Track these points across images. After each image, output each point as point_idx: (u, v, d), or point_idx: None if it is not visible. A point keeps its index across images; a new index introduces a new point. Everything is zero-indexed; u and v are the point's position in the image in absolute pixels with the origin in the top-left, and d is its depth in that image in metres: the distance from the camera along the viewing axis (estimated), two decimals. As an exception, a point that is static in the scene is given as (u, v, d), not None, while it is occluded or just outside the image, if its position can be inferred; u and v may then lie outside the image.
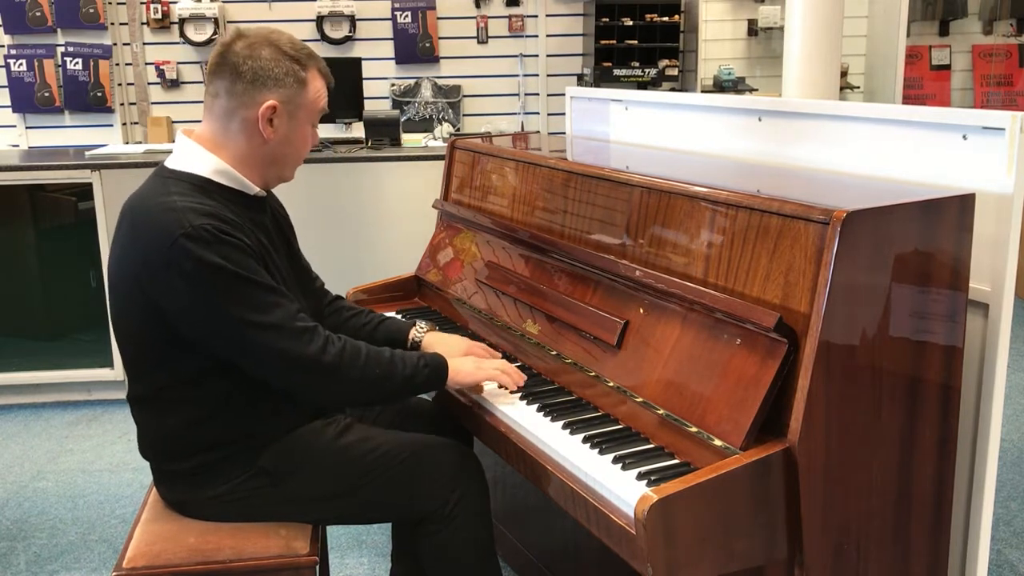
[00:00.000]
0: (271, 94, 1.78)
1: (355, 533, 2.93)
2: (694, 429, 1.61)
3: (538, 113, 6.45)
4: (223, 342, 1.72)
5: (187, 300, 1.68)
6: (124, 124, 6.11)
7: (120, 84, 6.09)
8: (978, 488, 1.79)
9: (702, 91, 6.10)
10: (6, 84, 5.97)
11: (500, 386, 1.97)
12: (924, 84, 6.83)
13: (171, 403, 1.81)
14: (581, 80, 6.31)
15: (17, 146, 6.03)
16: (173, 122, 6.13)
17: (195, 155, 1.81)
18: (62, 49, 5.96)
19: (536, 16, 6.33)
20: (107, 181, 3.94)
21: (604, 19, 6.13)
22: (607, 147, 2.71)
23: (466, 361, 1.95)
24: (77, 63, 5.96)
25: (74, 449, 3.66)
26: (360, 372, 1.78)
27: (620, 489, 1.54)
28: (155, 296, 1.70)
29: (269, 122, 1.80)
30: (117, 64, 6.06)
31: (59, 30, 5.95)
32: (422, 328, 2.14)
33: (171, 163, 1.83)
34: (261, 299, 1.71)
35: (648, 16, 6.19)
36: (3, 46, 5.95)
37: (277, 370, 1.74)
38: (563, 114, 3.11)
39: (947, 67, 6.84)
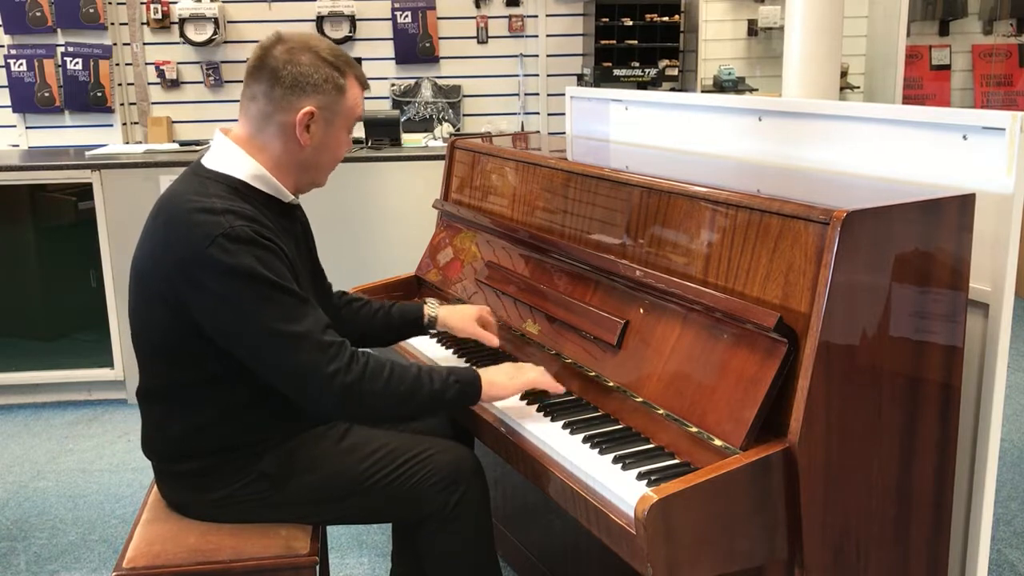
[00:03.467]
0: (310, 100, 1.78)
1: (355, 533, 2.93)
2: (694, 429, 1.61)
3: (538, 113, 6.45)
4: (246, 347, 1.70)
5: (218, 300, 1.67)
6: (124, 124, 6.11)
7: (120, 84, 6.09)
8: (978, 488, 1.79)
9: (702, 91, 6.10)
10: (6, 84, 5.96)
11: (530, 396, 1.92)
12: (924, 84, 6.82)
13: (182, 403, 1.81)
14: (581, 80, 6.30)
15: (17, 146, 6.03)
16: (173, 122, 6.13)
17: (234, 157, 1.80)
18: (62, 49, 5.96)
19: (536, 16, 6.33)
20: (107, 181, 3.94)
21: (604, 19, 6.12)
22: (607, 147, 2.71)
23: (500, 372, 1.89)
24: (77, 63, 5.96)
25: (74, 449, 3.66)
26: (383, 389, 1.73)
27: (620, 489, 1.54)
28: (186, 293, 1.69)
29: (306, 128, 1.79)
30: (117, 64, 6.06)
31: (59, 30, 5.95)
32: (434, 305, 2.19)
33: (208, 162, 1.82)
34: (291, 308, 1.69)
35: (648, 16, 6.19)
36: (3, 46, 5.94)
37: (295, 382, 1.71)
38: (563, 114, 3.11)
39: (947, 67, 6.83)
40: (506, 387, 1.87)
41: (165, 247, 1.72)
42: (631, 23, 6.17)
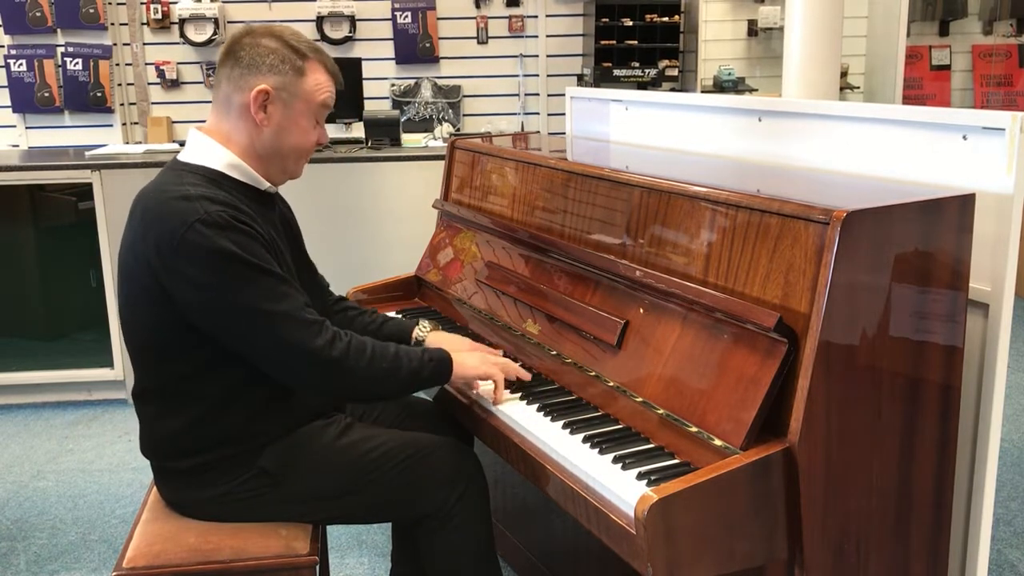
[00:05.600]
0: (263, 79, 1.79)
1: (355, 533, 2.93)
2: (694, 429, 1.61)
3: (538, 113, 6.45)
4: (231, 330, 1.72)
5: (198, 286, 1.68)
6: (124, 124, 6.11)
7: (120, 84, 6.09)
8: (978, 488, 1.79)
9: (702, 91, 6.10)
10: (6, 84, 5.97)
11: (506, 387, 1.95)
12: (924, 84, 6.83)
13: (175, 398, 1.81)
14: (581, 80, 6.31)
15: (17, 146, 6.03)
16: (173, 122, 6.13)
17: (207, 148, 1.82)
18: (62, 49, 5.96)
19: (536, 16, 6.33)
20: (107, 181, 3.94)
21: (604, 19, 6.13)
22: (607, 147, 2.71)
23: (471, 356, 1.95)
24: (77, 63, 5.96)
25: (74, 449, 3.66)
26: (365, 366, 1.77)
27: (620, 489, 1.54)
28: (166, 282, 1.70)
29: (263, 108, 1.80)
30: (117, 64, 6.06)
31: (59, 30, 5.95)
32: (425, 327, 2.15)
33: (184, 156, 1.84)
34: (272, 288, 1.71)
35: (648, 16, 6.19)
36: (3, 46, 5.95)
37: (282, 361, 1.73)
38: (563, 114, 3.11)
39: (947, 67, 6.84)
40: (476, 368, 1.92)
41: (144, 237, 1.73)
42: (631, 23, 6.17)
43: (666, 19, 6.21)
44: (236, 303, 1.68)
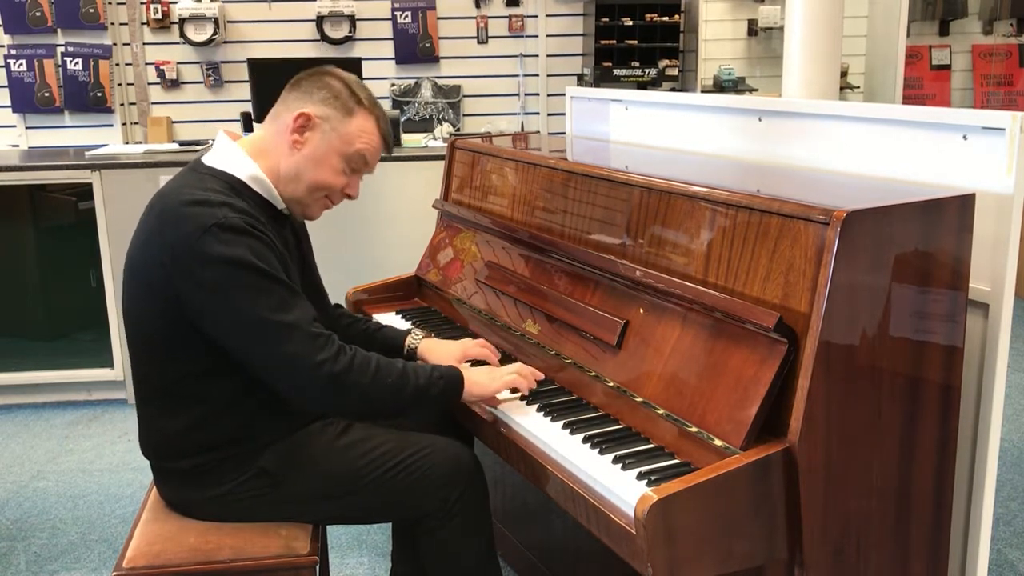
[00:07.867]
0: (311, 107, 1.83)
1: (355, 533, 2.93)
2: (694, 429, 1.61)
3: (538, 113, 6.45)
4: (236, 338, 1.71)
5: (209, 289, 1.68)
6: (124, 124, 6.12)
7: (120, 84, 6.09)
8: (978, 488, 1.79)
9: (702, 91, 6.10)
10: (6, 84, 5.97)
11: (513, 391, 1.93)
12: (924, 84, 6.83)
13: (176, 399, 1.81)
14: (581, 80, 6.31)
15: (17, 146, 6.03)
16: (173, 122, 6.13)
17: (234, 157, 1.83)
18: (62, 49, 5.96)
19: (536, 16, 6.33)
20: (107, 181, 3.94)
21: (604, 19, 6.13)
22: (607, 147, 2.71)
23: (480, 373, 1.92)
24: (77, 63, 5.96)
25: (74, 449, 3.66)
26: (370, 381, 1.75)
27: (620, 489, 1.54)
28: (178, 283, 1.70)
29: (300, 131, 1.83)
30: (117, 64, 6.06)
31: (59, 30, 5.95)
32: (417, 336, 2.16)
33: (208, 160, 1.84)
34: (282, 298, 1.71)
35: (648, 16, 6.20)
36: (3, 46, 5.95)
37: (285, 373, 1.71)
38: (563, 114, 3.11)
39: (947, 67, 6.84)
40: (487, 387, 1.90)
41: (159, 237, 1.73)
42: (631, 23, 6.18)
43: (666, 19, 6.22)
44: (245, 310, 1.68)
